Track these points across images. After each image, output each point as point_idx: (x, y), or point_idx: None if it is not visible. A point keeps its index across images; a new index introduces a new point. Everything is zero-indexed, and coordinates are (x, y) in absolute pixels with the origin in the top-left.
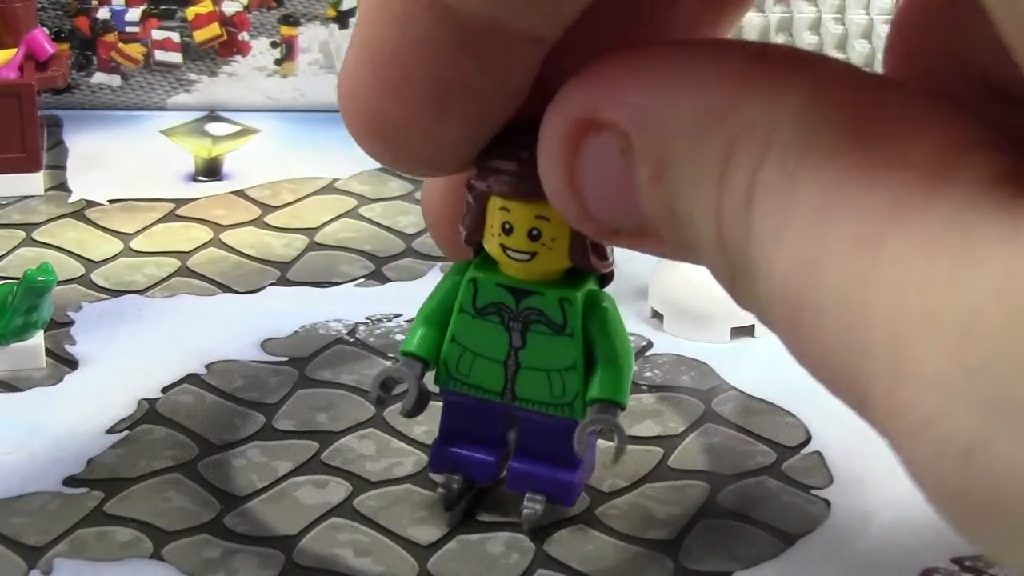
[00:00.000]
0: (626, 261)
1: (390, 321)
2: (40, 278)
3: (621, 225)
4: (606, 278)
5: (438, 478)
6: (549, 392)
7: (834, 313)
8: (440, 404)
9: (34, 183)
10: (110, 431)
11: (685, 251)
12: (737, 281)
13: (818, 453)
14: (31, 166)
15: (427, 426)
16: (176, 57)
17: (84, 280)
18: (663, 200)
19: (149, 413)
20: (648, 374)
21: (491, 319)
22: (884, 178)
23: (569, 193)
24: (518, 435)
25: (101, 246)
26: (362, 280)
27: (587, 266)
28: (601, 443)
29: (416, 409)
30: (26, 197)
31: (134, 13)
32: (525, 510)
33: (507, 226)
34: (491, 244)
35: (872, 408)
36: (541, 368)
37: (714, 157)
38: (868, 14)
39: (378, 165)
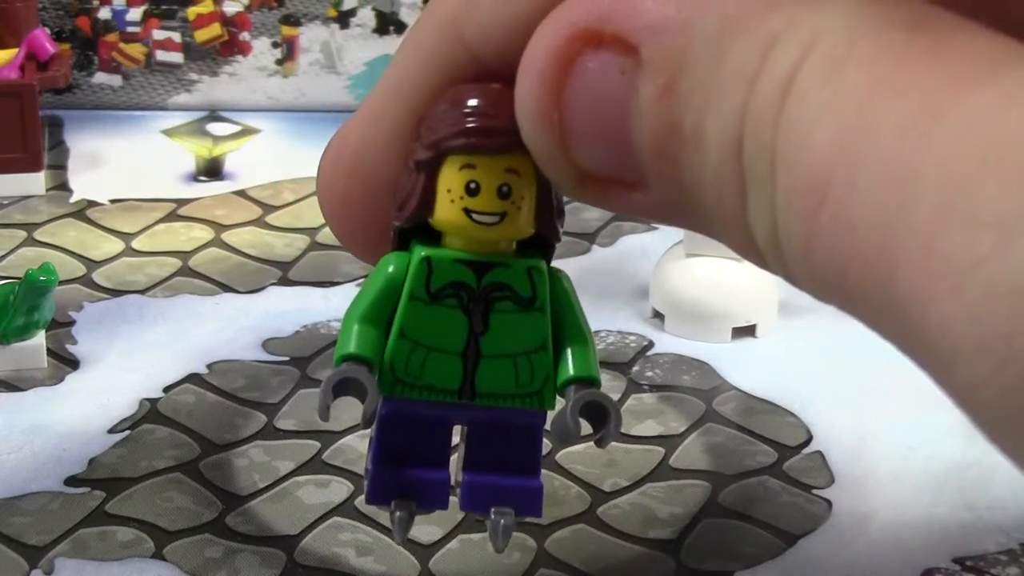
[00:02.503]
0: (627, 261)
1: None
2: (41, 278)
3: (601, 166)
4: (551, 252)
5: (375, 510)
6: (515, 381)
7: (874, 174)
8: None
9: (35, 183)
10: (111, 431)
11: (673, 190)
12: (749, 190)
13: (819, 453)
14: (32, 166)
15: None
16: (177, 57)
17: (85, 280)
18: (669, 115)
19: (150, 413)
20: (649, 374)
21: (447, 303)
22: (941, 62)
23: (551, 123)
24: (467, 446)
25: (102, 246)
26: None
27: (551, 231)
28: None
29: (375, 416)
30: (27, 197)
31: (135, 13)
32: (500, 524)
33: (472, 186)
34: (449, 212)
35: (901, 274)
36: (506, 354)
37: (748, 56)
38: None
39: None
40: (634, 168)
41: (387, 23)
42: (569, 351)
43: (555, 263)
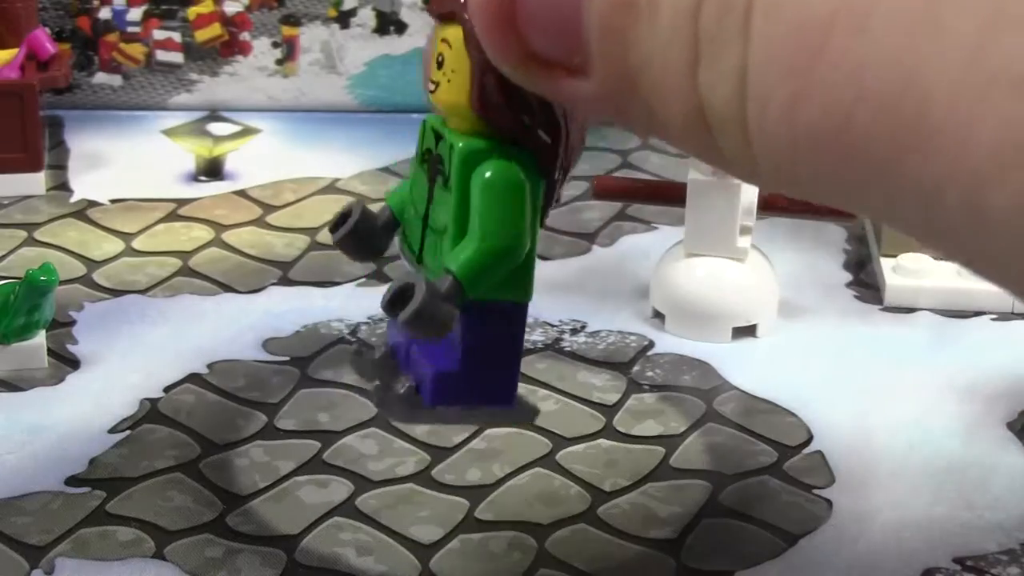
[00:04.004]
0: (627, 261)
1: None
2: (42, 278)
3: (548, 46)
4: (545, 158)
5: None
6: (435, 257)
7: (892, 8)
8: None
9: (36, 183)
10: (112, 431)
11: (616, 71)
12: (703, 56)
13: (819, 453)
14: (33, 166)
15: (429, 426)
16: (177, 57)
17: (86, 280)
18: None
19: (151, 413)
20: (650, 374)
21: (423, 167)
22: None
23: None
24: None
25: (103, 246)
26: (363, 280)
27: (481, 108)
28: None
29: (349, 240)
30: (28, 197)
31: (135, 13)
32: (398, 391)
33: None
34: None
35: (936, 100)
36: (436, 228)
37: None
38: None
39: (380, 165)
40: (580, 50)
41: (387, 23)
42: (457, 242)
43: (555, 262)
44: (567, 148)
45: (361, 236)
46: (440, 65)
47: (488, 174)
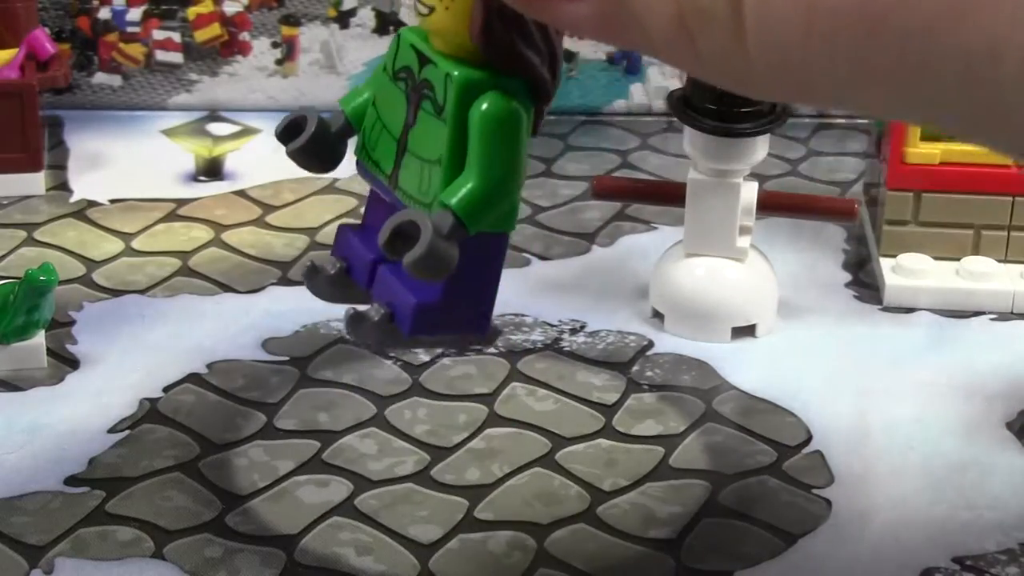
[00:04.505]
0: (627, 261)
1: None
2: (41, 278)
3: None
4: (539, 89)
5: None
6: (419, 186)
7: None
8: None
9: (35, 183)
10: (111, 430)
11: None
12: None
13: (819, 452)
14: (32, 166)
15: (428, 425)
16: (177, 57)
17: (85, 280)
18: None
19: (150, 412)
20: (649, 374)
21: (399, 85)
22: None
23: None
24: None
25: (102, 246)
26: None
27: (484, 42)
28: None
29: (305, 150)
30: (27, 197)
31: (135, 13)
32: (371, 317)
33: None
34: None
35: None
36: (419, 156)
37: None
38: None
39: None
40: None
41: (387, 23)
42: (458, 177)
43: (555, 262)
44: (556, 79)
45: (316, 147)
46: None
47: (488, 107)
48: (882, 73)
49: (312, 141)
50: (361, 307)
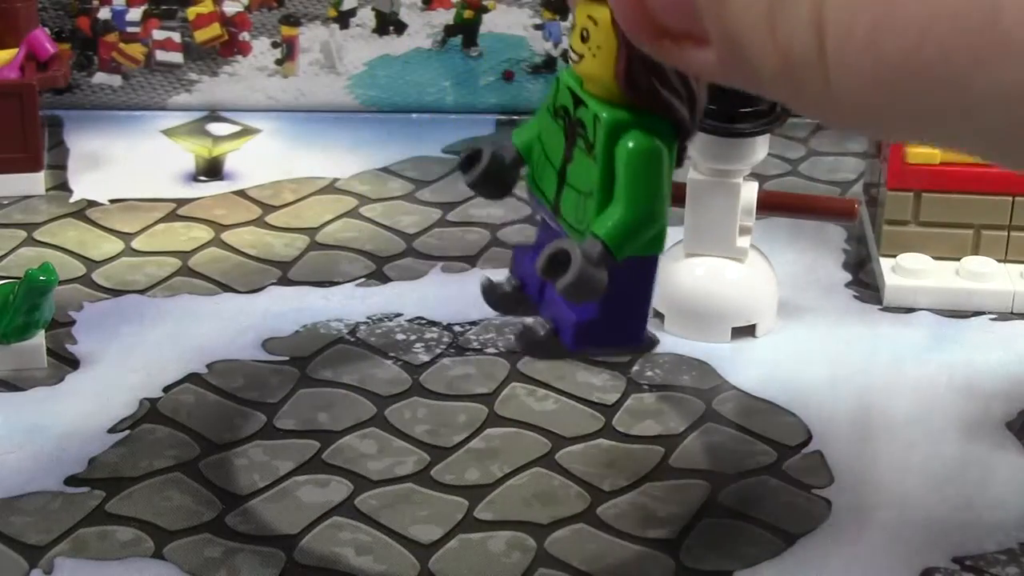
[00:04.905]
0: None
1: (391, 321)
2: (41, 278)
3: (673, 18)
4: (679, 126)
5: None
6: (576, 215)
7: None
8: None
9: (35, 183)
10: (111, 430)
11: (724, 30)
12: (781, 6)
13: (819, 453)
14: (32, 166)
15: (428, 425)
16: (177, 57)
17: (85, 280)
18: None
19: (150, 412)
20: (649, 374)
21: (558, 123)
22: None
23: None
24: None
25: (102, 246)
26: (363, 280)
27: (627, 86)
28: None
29: (482, 180)
30: (27, 197)
31: (135, 13)
32: (530, 328)
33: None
34: None
35: None
36: (575, 187)
37: None
38: None
39: (379, 165)
40: (694, 18)
41: (387, 23)
42: (603, 208)
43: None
44: (695, 117)
45: (492, 176)
46: (584, 39)
47: (632, 145)
48: (941, 119)
49: (486, 172)
50: (528, 319)
